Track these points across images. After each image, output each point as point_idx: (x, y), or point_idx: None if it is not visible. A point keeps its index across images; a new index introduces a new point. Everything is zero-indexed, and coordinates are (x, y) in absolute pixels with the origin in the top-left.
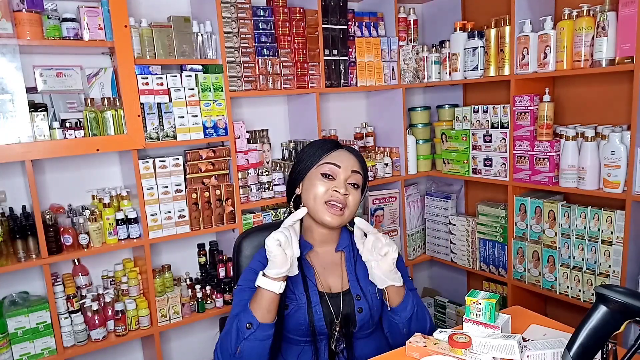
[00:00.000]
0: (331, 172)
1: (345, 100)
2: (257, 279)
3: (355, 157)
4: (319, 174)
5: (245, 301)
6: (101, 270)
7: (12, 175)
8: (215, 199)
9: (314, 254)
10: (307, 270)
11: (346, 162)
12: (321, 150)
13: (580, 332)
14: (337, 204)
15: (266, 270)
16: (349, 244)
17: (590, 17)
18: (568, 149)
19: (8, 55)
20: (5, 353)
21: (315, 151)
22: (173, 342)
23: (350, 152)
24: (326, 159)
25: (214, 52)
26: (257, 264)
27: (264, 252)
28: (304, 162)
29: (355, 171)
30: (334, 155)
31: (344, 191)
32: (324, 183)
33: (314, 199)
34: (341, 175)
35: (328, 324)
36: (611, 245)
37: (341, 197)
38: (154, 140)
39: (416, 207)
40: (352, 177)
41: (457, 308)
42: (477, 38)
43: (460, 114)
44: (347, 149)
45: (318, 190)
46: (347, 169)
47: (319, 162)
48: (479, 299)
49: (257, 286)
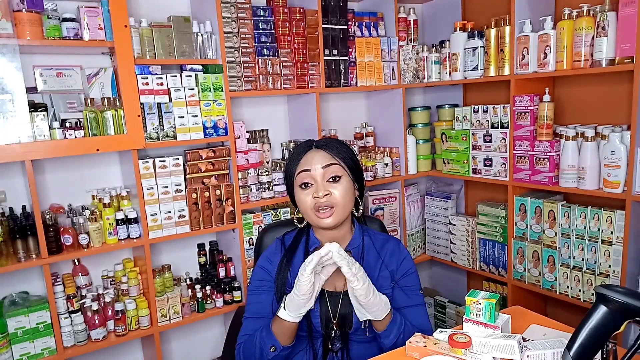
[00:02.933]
0: (307, 180)
1: (345, 100)
2: (279, 312)
3: (326, 149)
4: (298, 187)
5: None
6: (101, 270)
7: (12, 175)
8: (215, 199)
9: None
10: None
11: (315, 162)
12: (294, 160)
13: (580, 332)
14: (324, 207)
15: (287, 306)
16: (359, 245)
17: (590, 17)
18: (568, 149)
19: (8, 55)
20: (5, 353)
21: (291, 161)
22: (173, 342)
23: (320, 147)
24: (298, 168)
25: (214, 52)
26: (263, 260)
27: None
28: (286, 173)
29: (328, 165)
30: (303, 161)
31: (322, 193)
32: (305, 193)
33: (305, 210)
34: (317, 177)
35: (324, 323)
36: (611, 245)
37: (324, 200)
38: (154, 140)
39: (416, 207)
40: (327, 172)
41: (457, 308)
42: (477, 38)
43: (460, 114)
44: (317, 144)
45: (303, 203)
46: (317, 168)
47: (295, 174)
48: (479, 299)
49: (278, 317)
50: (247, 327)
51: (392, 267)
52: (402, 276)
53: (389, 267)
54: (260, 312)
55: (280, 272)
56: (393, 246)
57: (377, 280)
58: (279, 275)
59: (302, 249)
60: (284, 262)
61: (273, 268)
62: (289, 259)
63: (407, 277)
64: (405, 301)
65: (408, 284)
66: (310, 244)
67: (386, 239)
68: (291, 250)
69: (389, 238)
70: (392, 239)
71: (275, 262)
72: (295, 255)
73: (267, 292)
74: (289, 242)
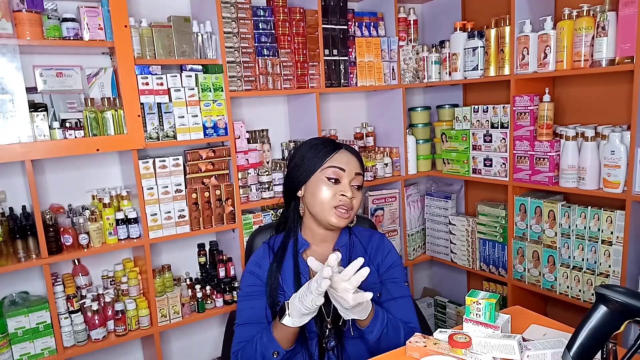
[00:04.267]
0: (337, 176)
1: (345, 100)
2: (285, 319)
3: (356, 158)
4: (324, 178)
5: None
6: (101, 270)
7: (12, 175)
8: (215, 199)
9: (311, 252)
10: (302, 267)
11: (350, 165)
12: (324, 152)
13: (580, 332)
14: (344, 208)
15: (292, 313)
16: (346, 243)
17: (590, 17)
18: (568, 149)
19: (8, 55)
20: (5, 353)
21: (317, 153)
22: (173, 342)
23: (351, 153)
24: (330, 162)
25: (214, 52)
26: (252, 265)
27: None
28: (306, 164)
29: (358, 173)
30: (337, 157)
31: (350, 194)
32: (330, 187)
33: (322, 204)
34: (346, 178)
35: (318, 322)
36: (611, 245)
37: (349, 201)
38: (154, 140)
39: (416, 207)
40: (356, 179)
41: (457, 308)
42: (477, 38)
43: (460, 114)
44: (347, 149)
45: (325, 195)
46: (351, 172)
47: (323, 166)
48: (479, 299)
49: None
50: (241, 334)
51: (377, 261)
52: (387, 269)
53: (374, 262)
54: (254, 318)
55: (271, 277)
56: (378, 241)
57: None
58: (269, 280)
59: (291, 251)
60: (274, 267)
61: (262, 272)
62: (279, 263)
63: (392, 269)
64: (391, 293)
65: (393, 276)
66: (299, 246)
67: (371, 234)
68: (280, 254)
69: (373, 233)
70: (377, 234)
71: (264, 267)
72: (285, 258)
73: (259, 297)
74: (276, 246)
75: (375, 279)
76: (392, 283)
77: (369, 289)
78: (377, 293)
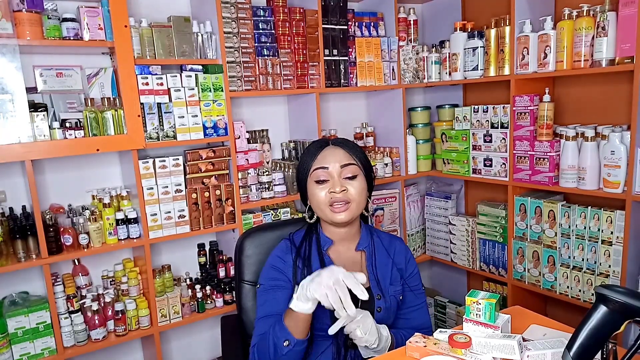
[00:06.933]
0: (323, 177)
1: (345, 100)
2: (292, 303)
3: (344, 148)
4: (313, 182)
5: (270, 303)
6: (101, 270)
7: (12, 175)
8: (215, 199)
9: (335, 251)
10: (327, 264)
11: (333, 160)
12: (310, 156)
13: (580, 332)
14: (339, 203)
15: (297, 298)
16: (369, 244)
17: (590, 17)
18: (568, 149)
19: (8, 55)
20: (5, 353)
21: (305, 159)
22: (173, 342)
23: (337, 145)
24: (315, 165)
25: (214, 52)
26: (275, 259)
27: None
28: (301, 171)
29: (346, 164)
30: (320, 158)
31: (339, 189)
32: (320, 189)
33: (319, 206)
34: (334, 174)
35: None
36: (611, 245)
37: (340, 195)
38: (154, 140)
39: (416, 207)
40: (344, 171)
41: (457, 308)
42: (477, 38)
43: (460, 114)
44: (334, 143)
45: (319, 197)
46: (336, 166)
47: (310, 169)
48: (479, 299)
49: (290, 308)
50: (261, 327)
51: (400, 266)
52: (409, 276)
53: (398, 266)
54: (276, 310)
55: (296, 273)
56: (399, 245)
57: (390, 280)
58: (295, 276)
59: (315, 247)
60: (303, 263)
61: (286, 267)
62: (306, 260)
63: (412, 277)
64: (412, 301)
65: (414, 283)
66: (323, 244)
67: (391, 237)
68: (307, 250)
69: (393, 237)
70: (397, 238)
71: (288, 262)
72: (312, 255)
73: (280, 291)
74: (298, 241)
75: (398, 282)
76: (414, 291)
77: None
78: (399, 296)
